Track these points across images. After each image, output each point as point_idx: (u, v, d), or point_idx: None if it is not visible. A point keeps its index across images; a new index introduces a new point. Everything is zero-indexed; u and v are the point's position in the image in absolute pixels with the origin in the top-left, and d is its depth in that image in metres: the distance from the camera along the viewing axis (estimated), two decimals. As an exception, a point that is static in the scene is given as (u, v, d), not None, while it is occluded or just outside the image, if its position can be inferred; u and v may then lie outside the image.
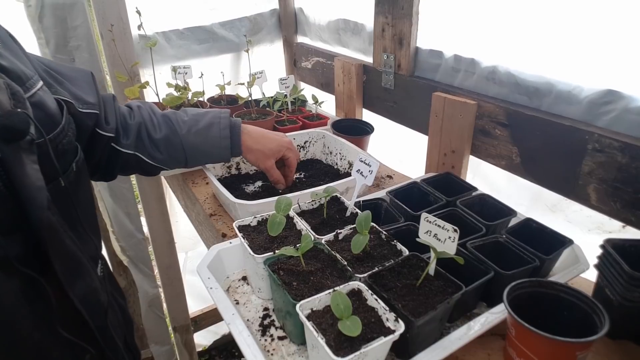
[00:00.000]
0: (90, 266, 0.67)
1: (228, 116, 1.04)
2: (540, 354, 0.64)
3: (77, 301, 0.61)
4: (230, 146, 1.03)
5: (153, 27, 1.68)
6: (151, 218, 1.83)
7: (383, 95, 1.47)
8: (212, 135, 1.02)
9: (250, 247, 0.80)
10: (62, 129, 0.66)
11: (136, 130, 0.97)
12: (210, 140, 1.02)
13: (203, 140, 1.01)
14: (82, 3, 1.54)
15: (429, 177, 1.13)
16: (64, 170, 0.66)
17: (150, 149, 0.98)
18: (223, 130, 1.02)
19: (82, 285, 0.64)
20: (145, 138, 0.98)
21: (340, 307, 0.63)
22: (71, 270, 0.62)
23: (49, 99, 0.67)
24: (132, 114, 0.99)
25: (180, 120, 1.01)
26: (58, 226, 0.59)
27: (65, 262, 0.61)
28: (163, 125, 1.00)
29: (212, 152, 1.03)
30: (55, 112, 0.67)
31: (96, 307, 0.68)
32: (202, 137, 1.01)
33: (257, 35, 1.95)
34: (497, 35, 1.09)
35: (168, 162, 1.02)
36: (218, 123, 1.02)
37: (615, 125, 0.88)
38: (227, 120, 1.03)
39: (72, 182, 0.67)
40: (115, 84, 1.55)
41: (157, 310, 2.17)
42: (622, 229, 0.93)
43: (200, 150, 1.02)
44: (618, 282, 0.72)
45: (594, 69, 0.91)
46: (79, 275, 0.64)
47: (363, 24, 1.54)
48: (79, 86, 0.83)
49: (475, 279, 0.76)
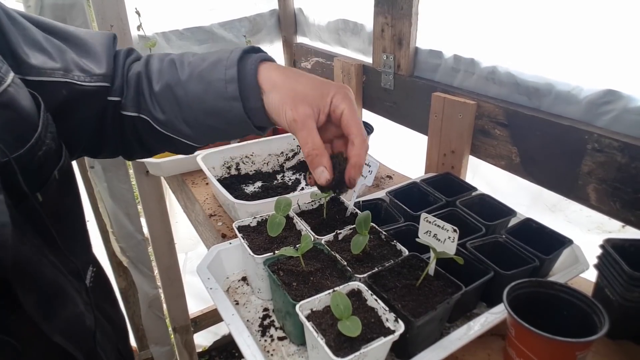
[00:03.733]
0: (73, 289, 0.58)
1: (242, 50, 0.66)
2: (540, 354, 0.64)
3: (58, 334, 0.53)
4: (240, 91, 0.63)
5: (152, 27, 1.68)
6: (151, 219, 1.83)
7: (383, 95, 1.47)
8: (216, 77, 0.65)
9: (250, 248, 0.80)
10: (39, 137, 0.52)
11: (135, 81, 0.71)
12: (213, 88, 0.65)
13: (205, 86, 0.66)
14: (82, 3, 1.54)
15: (428, 178, 1.13)
16: (42, 182, 0.54)
17: (151, 107, 0.71)
18: (229, 69, 0.64)
19: (64, 315, 0.55)
20: (146, 91, 0.71)
21: (340, 308, 0.63)
22: (48, 302, 0.53)
23: (22, 94, 0.53)
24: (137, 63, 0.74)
25: (186, 61, 0.70)
26: (31, 257, 0.50)
27: (42, 295, 0.51)
28: (166, 72, 0.70)
29: (217, 107, 0.66)
30: (30, 111, 0.53)
31: (82, 333, 0.59)
32: (205, 82, 0.66)
33: (256, 36, 1.95)
34: (497, 36, 1.09)
35: (173, 126, 0.71)
36: (226, 59, 0.65)
37: (615, 125, 0.88)
38: (237, 54, 0.65)
39: (54, 192, 0.56)
40: (115, 84, 1.55)
41: (157, 311, 2.17)
42: (621, 228, 0.93)
43: (204, 105, 0.67)
44: (618, 282, 0.72)
45: (594, 69, 0.91)
46: (59, 306, 0.55)
47: (362, 24, 1.54)
48: (89, 52, 0.67)
49: (475, 279, 0.76)
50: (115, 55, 0.73)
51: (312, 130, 0.61)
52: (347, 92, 0.63)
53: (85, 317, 0.59)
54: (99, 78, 0.67)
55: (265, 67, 0.65)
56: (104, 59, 0.68)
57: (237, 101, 0.64)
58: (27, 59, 0.58)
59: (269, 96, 0.63)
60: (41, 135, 0.53)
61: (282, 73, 0.64)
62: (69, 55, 0.63)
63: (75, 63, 0.64)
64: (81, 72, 0.64)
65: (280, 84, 0.63)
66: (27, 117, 0.52)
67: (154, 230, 1.86)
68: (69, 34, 0.66)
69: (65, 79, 0.62)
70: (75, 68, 0.64)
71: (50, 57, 0.61)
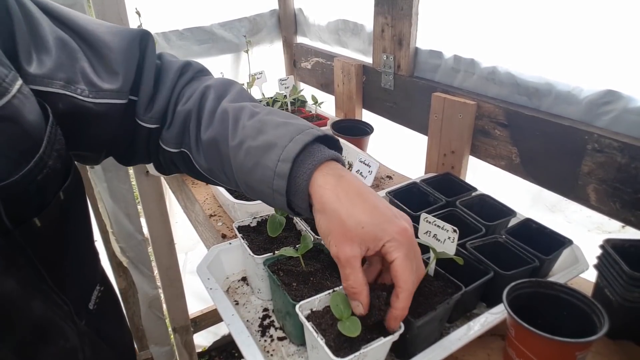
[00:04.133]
0: (69, 320, 0.52)
1: (307, 139, 0.55)
2: (540, 354, 0.64)
3: None
4: (287, 190, 0.55)
5: (153, 27, 1.68)
6: (151, 219, 1.83)
7: (383, 95, 1.47)
8: (265, 164, 0.55)
9: (249, 248, 0.80)
10: (40, 159, 0.46)
11: (184, 117, 0.64)
12: (260, 172, 0.56)
13: (252, 166, 0.57)
14: (82, 3, 1.54)
15: (428, 178, 1.13)
16: (41, 206, 0.48)
17: (194, 149, 0.64)
18: (282, 163, 0.54)
19: (53, 351, 0.50)
20: (192, 133, 0.64)
21: (339, 308, 0.63)
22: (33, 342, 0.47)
23: (28, 106, 0.46)
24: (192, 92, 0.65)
25: (240, 124, 0.60)
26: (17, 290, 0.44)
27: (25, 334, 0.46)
28: (217, 124, 0.61)
29: (260, 189, 0.58)
30: (36, 124, 0.47)
31: None
32: (253, 161, 0.57)
33: (256, 36, 1.95)
34: (497, 36, 1.09)
35: (215, 175, 0.65)
36: (283, 147, 0.54)
37: (615, 125, 0.88)
38: (299, 145, 0.54)
39: (57, 215, 0.50)
40: (115, 84, 1.55)
41: (157, 311, 2.17)
42: (621, 229, 0.93)
43: (247, 179, 0.59)
44: (618, 283, 0.72)
45: (594, 69, 0.91)
46: (47, 343, 0.49)
47: (363, 24, 1.54)
48: (105, 59, 0.58)
49: (474, 279, 0.75)
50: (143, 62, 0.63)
51: (355, 270, 0.53)
52: (405, 239, 0.53)
53: (77, 352, 0.54)
54: (107, 94, 0.58)
55: (321, 174, 0.54)
56: (122, 70, 0.59)
57: (282, 196, 0.55)
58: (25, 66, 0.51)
59: (317, 216, 0.55)
60: (44, 156, 0.47)
61: (335, 194, 0.53)
62: (80, 63, 0.56)
63: (83, 73, 0.56)
64: (87, 84, 0.56)
65: (330, 209, 0.53)
66: (33, 132, 0.46)
67: (153, 230, 1.86)
68: (88, 32, 0.58)
69: (63, 91, 0.54)
70: (81, 79, 0.56)
71: (55, 63, 0.54)
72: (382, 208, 0.54)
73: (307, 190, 0.54)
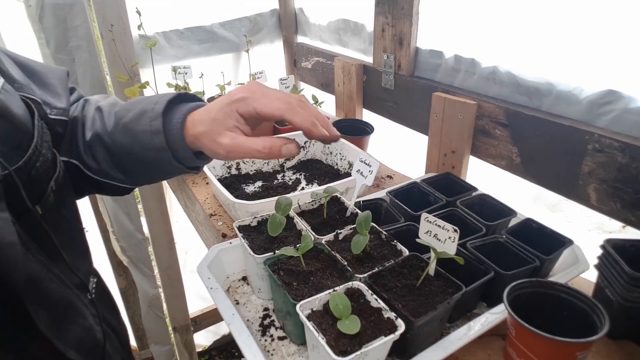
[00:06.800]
0: (81, 302, 0.57)
1: (169, 97, 0.66)
2: (540, 354, 0.64)
3: (72, 350, 0.53)
4: (167, 142, 0.63)
5: (153, 27, 1.68)
6: (151, 218, 1.83)
7: (383, 95, 1.47)
8: (142, 129, 0.64)
9: (250, 248, 0.80)
10: (36, 147, 0.51)
11: (71, 125, 0.69)
12: (140, 139, 0.64)
13: (131, 139, 0.65)
14: (82, 3, 1.54)
15: (429, 177, 1.13)
16: (40, 195, 0.52)
17: (84, 153, 0.69)
18: (154, 121, 0.63)
19: (75, 330, 0.54)
20: (80, 137, 0.69)
21: (339, 307, 0.64)
22: (59, 318, 0.52)
23: (14, 101, 0.50)
24: (75, 105, 0.73)
25: (113, 110, 0.69)
26: (39, 273, 0.49)
27: (52, 312, 0.51)
28: (97, 120, 0.69)
29: (146, 155, 0.65)
30: (24, 119, 0.51)
31: (93, 347, 0.58)
32: (130, 134, 0.65)
33: (257, 35, 1.95)
34: (498, 36, 1.09)
35: (107, 173, 0.70)
36: (151, 110, 0.64)
37: (616, 125, 0.88)
38: (162, 104, 0.64)
39: (52, 204, 0.54)
40: (116, 84, 1.55)
41: (157, 311, 2.18)
42: (622, 229, 0.93)
43: (132, 155, 0.67)
44: (618, 283, 0.72)
45: (595, 69, 0.91)
46: (69, 321, 0.54)
47: (363, 24, 1.54)
48: (49, 85, 0.65)
49: (475, 279, 0.76)
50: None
51: (247, 141, 0.61)
52: (247, 92, 0.62)
53: (94, 330, 0.58)
54: (59, 112, 0.65)
55: (190, 116, 0.65)
56: (63, 94, 0.67)
57: (166, 151, 0.64)
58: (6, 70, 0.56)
59: (198, 139, 0.63)
60: (37, 145, 0.51)
61: (204, 112, 0.64)
62: (32, 87, 0.62)
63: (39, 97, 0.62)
64: (44, 104, 0.62)
65: (199, 120, 0.63)
66: (21, 126, 0.50)
67: (154, 229, 1.86)
68: (31, 67, 0.64)
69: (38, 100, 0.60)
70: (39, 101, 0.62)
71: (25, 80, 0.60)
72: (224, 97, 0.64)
73: (184, 137, 0.63)
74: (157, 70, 1.60)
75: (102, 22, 1.45)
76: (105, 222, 2.01)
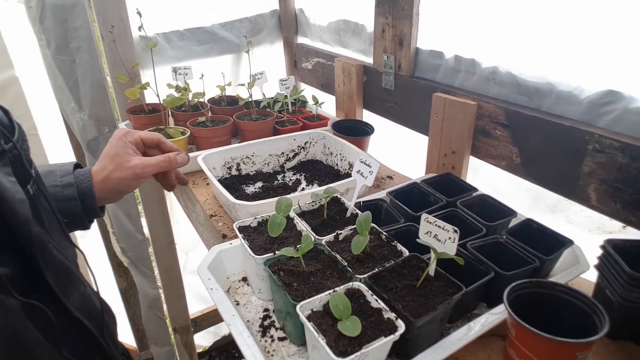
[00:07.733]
0: (79, 273, 0.63)
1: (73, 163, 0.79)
2: (541, 354, 0.64)
3: (77, 310, 0.58)
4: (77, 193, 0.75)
5: (153, 28, 1.68)
6: (151, 219, 1.83)
7: (383, 95, 1.47)
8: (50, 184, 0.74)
9: (250, 248, 0.80)
10: (20, 132, 0.58)
11: None
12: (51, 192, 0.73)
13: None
14: (83, 4, 1.54)
15: (429, 178, 1.13)
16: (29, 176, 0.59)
17: None
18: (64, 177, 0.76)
19: (76, 295, 0.60)
20: None
21: (339, 308, 0.64)
22: (64, 281, 0.58)
23: None
24: None
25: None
26: (44, 237, 0.55)
27: (58, 273, 0.56)
28: None
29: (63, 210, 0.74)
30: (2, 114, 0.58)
31: (94, 313, 0.63)
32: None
33: (257, 36, 1.95)
34: (498, 36, 1.09)
35: None
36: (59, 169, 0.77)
37: (616, 125, 0.88)
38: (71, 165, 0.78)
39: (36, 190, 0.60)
40: (116, 85, 1.56)
41: (158, 311, 2.17)
42: (622, 229, 0.93)
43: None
44: (618, 283, 0.72)
45: (595, 69, 0.91)
46: (72, 285, 0.60)
47: (363, 24, 1.55)
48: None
49: (475, 279, 0.75)
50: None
51: (151, 158, 0.81)
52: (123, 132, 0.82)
53: (93, 299, 0.64)
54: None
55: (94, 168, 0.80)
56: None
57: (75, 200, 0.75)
58: None
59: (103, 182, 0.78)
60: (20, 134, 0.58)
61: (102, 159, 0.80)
62: None
63: None
64: None
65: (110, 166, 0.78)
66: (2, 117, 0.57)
67: (154, 230, 1.86)
68: None
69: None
70: None
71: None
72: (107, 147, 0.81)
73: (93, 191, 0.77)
74: (158, 71, 1.60)
75: (102, 23, 1.45)
76: (105, 223, 2.01)
